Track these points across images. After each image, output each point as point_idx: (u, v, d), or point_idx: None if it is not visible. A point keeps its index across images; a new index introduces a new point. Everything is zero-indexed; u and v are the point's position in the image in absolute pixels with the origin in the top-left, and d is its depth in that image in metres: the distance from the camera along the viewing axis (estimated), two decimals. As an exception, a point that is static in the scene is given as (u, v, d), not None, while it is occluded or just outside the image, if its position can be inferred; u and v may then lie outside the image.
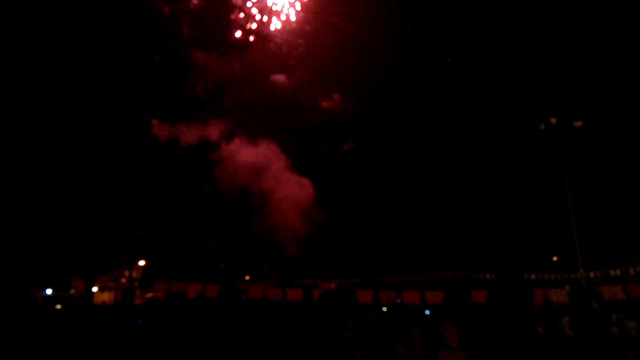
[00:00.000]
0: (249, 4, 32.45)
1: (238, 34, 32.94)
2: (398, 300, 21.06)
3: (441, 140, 35.14)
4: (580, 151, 34.24)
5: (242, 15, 32.63)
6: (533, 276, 31.48)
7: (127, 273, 34.19)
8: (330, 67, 35.10)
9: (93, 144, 31.28)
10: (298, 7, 32.58)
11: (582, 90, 33.75)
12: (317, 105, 36.61)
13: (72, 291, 33.75)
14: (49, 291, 32.87)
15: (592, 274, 28.85)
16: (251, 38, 33.18)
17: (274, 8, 32.34)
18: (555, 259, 33.57)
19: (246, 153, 35.00)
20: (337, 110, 36.15)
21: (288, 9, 32.41)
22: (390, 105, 35.47)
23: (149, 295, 33.72)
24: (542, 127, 34.49)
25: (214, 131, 34.23)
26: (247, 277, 34.72)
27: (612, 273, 29.68)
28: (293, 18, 32.51)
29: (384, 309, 14.11)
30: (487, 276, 32.12)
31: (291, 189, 34.87)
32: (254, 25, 32.66)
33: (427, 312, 13.37)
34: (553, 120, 33.99)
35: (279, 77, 35.99)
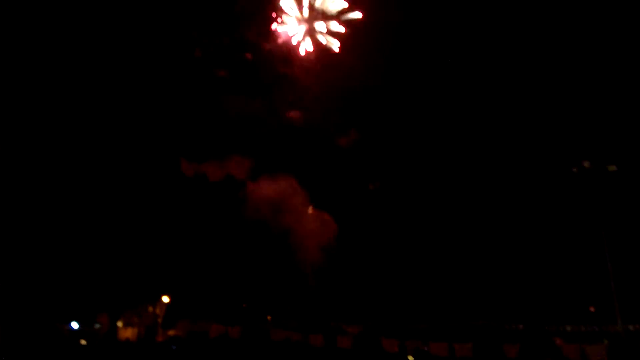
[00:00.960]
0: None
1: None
2: (425, 349, 20.30)
3: (473, 183, 34.64)
4: (616, 196, 33.06)
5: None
6: (569, 328, 29.80)
7: (150, 309, 34.26)
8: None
9: (121, 186, 32.46)
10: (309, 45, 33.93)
11: (617, 134, 33.00)
12: (341, 142, 36.95)
13: (97, 326, 33.92)
14: (74, 325, 33.15)
15: (631, 327, 27.13)
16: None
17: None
18: (592, 309, 31.77)
19: (268, 189, 35.50)
20: (361, 148, 36.39)
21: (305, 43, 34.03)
22: (417, 145, 35.45)
23: (172, 333, 33.67)
24: (575, 170, 33.70)
25: (238, 168, 35.05)
26: (269, 318, 34.22)
27: (655, 327, 27.87)
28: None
29: (410, 358, 13.61)
30: (520, 327, 30.57)
31: (313, 225, 34.92)
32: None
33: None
34: (586, 164, 33.17)
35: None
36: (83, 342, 29.96)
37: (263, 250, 34.71)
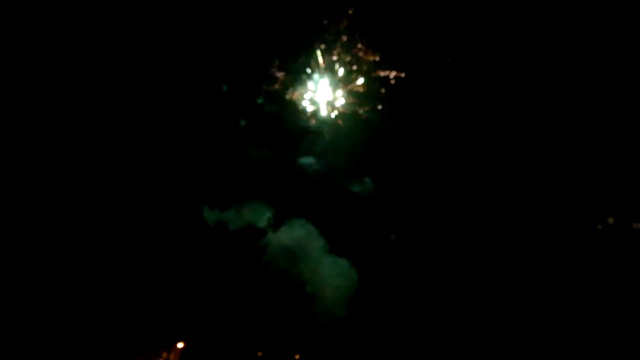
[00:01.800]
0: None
1: None
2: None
3: (492, 237, 34.30)
4: (640, 256, 32.46)
5: None
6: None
7: (165, 355, 33.67)
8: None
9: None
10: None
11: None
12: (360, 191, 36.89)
13: (110, 373, 33.32)
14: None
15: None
16: None
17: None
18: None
19: (288, 238, 35.35)
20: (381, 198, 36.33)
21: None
22: (438, 199, 35.31)
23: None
24: (599, 227, 33.24)
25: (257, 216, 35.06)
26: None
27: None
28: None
29: None
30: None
31: (333, 278, 34.57)
32: None
33: None
34: (610, 220, 32.72)
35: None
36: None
37: (282, 298, 34.35)
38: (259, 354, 34.34)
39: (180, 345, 33.80)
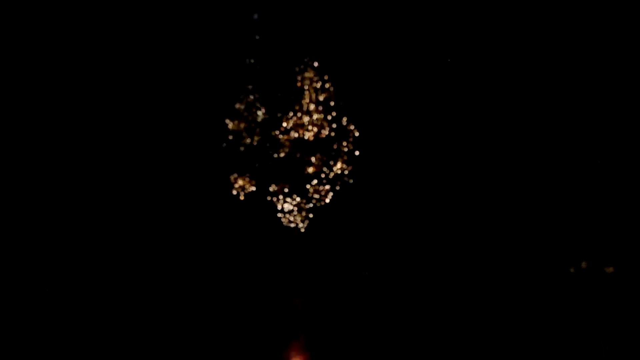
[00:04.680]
0: None
1: None
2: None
3: (466, 283, 33.96)
4: (613, 299, 32.32)
5: None
6: None
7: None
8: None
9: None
10: None
11: (617, 235, 32.78)
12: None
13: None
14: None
15: None
16: None
17: None
18: None
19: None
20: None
21: None
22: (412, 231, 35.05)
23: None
24: (572, 270, 33.26)
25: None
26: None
27: None
28: None
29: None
30: None
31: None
32: None
33: None
34: (583, 265, 32.73)
35: None
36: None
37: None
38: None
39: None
